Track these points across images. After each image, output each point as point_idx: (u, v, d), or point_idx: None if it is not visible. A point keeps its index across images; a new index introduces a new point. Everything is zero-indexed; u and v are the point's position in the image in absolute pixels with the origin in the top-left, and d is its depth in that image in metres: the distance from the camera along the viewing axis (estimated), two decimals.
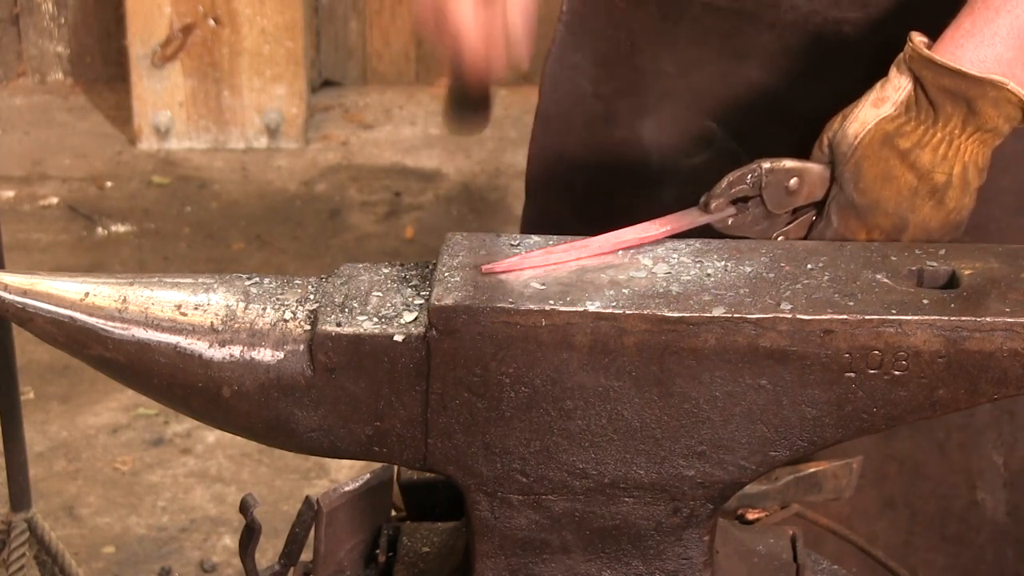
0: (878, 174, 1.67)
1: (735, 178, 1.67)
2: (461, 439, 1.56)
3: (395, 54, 5.76)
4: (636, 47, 2.08)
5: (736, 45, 2.01)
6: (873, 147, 1.67)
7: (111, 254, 4.75)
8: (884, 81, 1.68)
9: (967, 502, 2.19)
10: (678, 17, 2.04)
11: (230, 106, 5.34)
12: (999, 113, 1.64)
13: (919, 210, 1.67)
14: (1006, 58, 1.64)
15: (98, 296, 1.58)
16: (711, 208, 1.67)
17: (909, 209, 1.67)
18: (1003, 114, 1.65)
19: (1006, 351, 1.50)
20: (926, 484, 2.19)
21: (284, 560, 1.74)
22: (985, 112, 1.64)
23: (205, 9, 5.24)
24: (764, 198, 1.68)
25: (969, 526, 2.21)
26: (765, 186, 1.67)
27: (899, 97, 1.67)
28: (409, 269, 1.63)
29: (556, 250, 1.59)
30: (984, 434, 2.16)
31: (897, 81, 1.67)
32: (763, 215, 1.69)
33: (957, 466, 2.18)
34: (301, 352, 1.56)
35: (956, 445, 2.17)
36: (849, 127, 1.67)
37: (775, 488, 1.88)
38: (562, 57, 2.16)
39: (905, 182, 1.66)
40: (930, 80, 1.64)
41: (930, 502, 2.20)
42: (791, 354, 1.51)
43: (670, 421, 1.54)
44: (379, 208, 5.02)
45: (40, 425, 3.90)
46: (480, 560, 1.61)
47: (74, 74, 5.76)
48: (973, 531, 2.21)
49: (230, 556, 3.47)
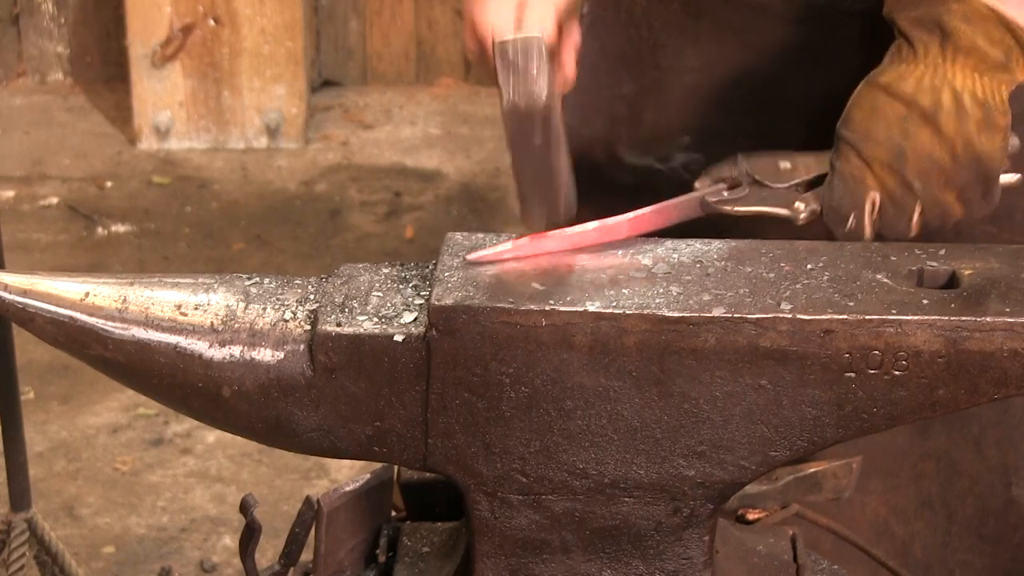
0: (865, 110, 1.67)
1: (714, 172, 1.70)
2: (461, 439, 1.56)
3: (395, 54, 5.76)
4: (658, 44, 2.08)
5: (754, 40, 2.02)
6: (862, 92, 1.68)
7: (111, 254, 4.74)
8: None
9: (1004, 500, 2.19)
10: (700, 13, 2.04)
11: (230, 106, 5.34)
12: (975, 30, 1.64)
13: (914, 137, 1.65)
14: None
15: (98, 296, 1.58)
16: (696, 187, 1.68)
17: (901, 135, 1.65)
18: (981, 31, 1.64)
19: (1006, 351, 1.50)
20: (963, 482, 2.18)
21: (284, 560, 1.74)
22: (958, 31, 1.63)
23: (205, 9, 5.23)
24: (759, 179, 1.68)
25: (1007, 524, 2.20)
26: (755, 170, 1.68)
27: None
28: (409, 269, 1.63)
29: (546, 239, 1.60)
30: (1019, 429, 2.16)
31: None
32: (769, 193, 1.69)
33: (993, 463, 2.17)
34: (301, 352, 1.56)
35: (992, 442, 2.16)
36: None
37: (775, 488, 1.88)
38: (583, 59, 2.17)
39: (891, 110, 1.66)
40: (902, 17, 1.66)
41: (967, 500, 2.19)
42: (791, 354, 1.51)
43: (670, 421, 1.54)
44: (379, 208, 5.02)
45: (40, 425, 3.90)
46: (480, 560, 1.61)
47: (74, 74, 5.76)
48: (1011, 529, 2.20)
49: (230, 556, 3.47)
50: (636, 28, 2.10)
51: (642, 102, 2.12)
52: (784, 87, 2.03)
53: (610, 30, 2.12)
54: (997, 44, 1.65)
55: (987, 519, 2.20)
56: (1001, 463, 2.18)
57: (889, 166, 1.66)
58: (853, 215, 1.66)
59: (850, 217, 1.66)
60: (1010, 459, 2.17)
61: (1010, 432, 2.16)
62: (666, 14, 2.07)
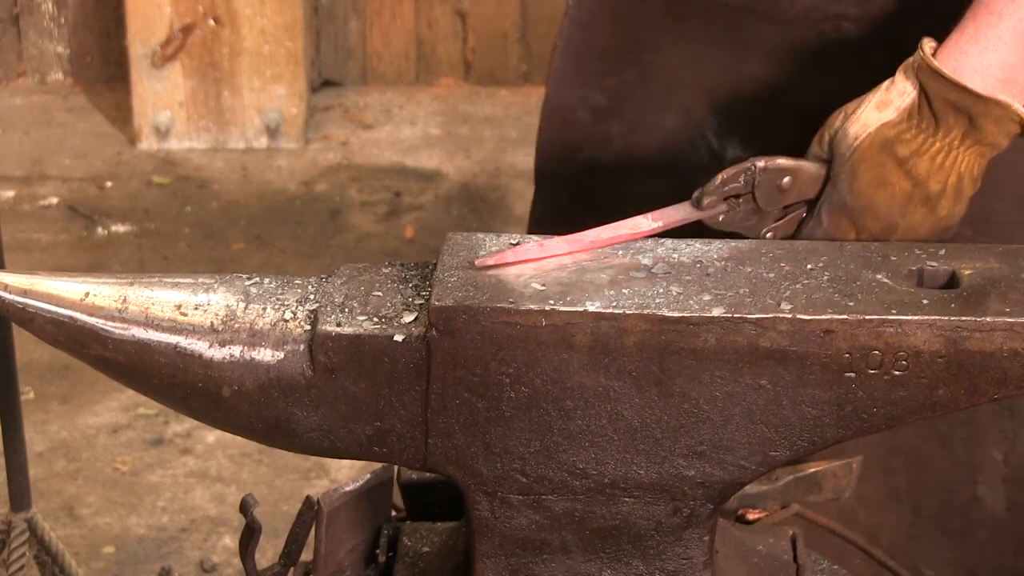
0: (873, 178, 1.67)
1: (729, 176, 1.68)
2: (461, 439, 1.56)
3: (395, 54, 5.76)
4: (641, 41, 2.09)
5: (740, 40, 2.02)
6: (872, 151, 1.67)
7: (111, 254, 4.74)
8: (890, 83, 1.68)
9: (968, 497, 2.20)
10: (684, 13, 2.05)
11: (230, 106, 5.34)
12: (999, 129, 1.65)
13: (910, 216, 1.68)
14: (1009, 63, 1.64)
15: (98, 296, 1.58)
16: (703, 205, 1.67)
17: (900, 214, 1.67)
18: (1003, 130, 1.65)
19: (1006, 351, 1.50)
20: (930, 477, 2.19)
21: (284, 560, 1.74)
22: (986, 128, 1.65)
23: (205, 9, 5.23)
24: (756, 195, 1.68)
25: (970, 521, 2.21)
26: (758, 184, 1.68)
27: (903, 103, 1.67)
28: (409, 269, 1.63)
29: (549, 244, 1.59)
30: (985, 429, 2.17)
31: (902, 86, 1.67)
32: (753, 211, 1.70)
33: (960, 460, 2.19)
34: (301, 352, 1.56)
35: (959, 439, 2.18)
36: (850, 127, 1.68)
37: (775, 488, 1.89)
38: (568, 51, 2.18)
39: (900, 188, 1.67)
40: (935, 92, 1.65)
41: (933, 495, 2.20)
42: (791, 354, 1.51)
43: (670, 421, 1.54)
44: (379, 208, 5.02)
45: (40, 425, 3.90)
46: (480, 560, 1.61)
47: (74, 74, 5.76)
48: (974, 526, 2.21)
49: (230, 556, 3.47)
50: (619, 23, 2.11)
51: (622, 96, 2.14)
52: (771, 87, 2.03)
53: (596, 22, 2.14)
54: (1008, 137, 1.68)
55: (952, 515, 2.21)
56: (968, 461, 2.19)
57: (875, 237, 1.69)
58: None
59: None
60: (976, 458, 2.18)
61: (977, 431, 2.17)
62: (650, 12, 2.08)
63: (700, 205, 1.67)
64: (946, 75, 1.63)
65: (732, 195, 1.68)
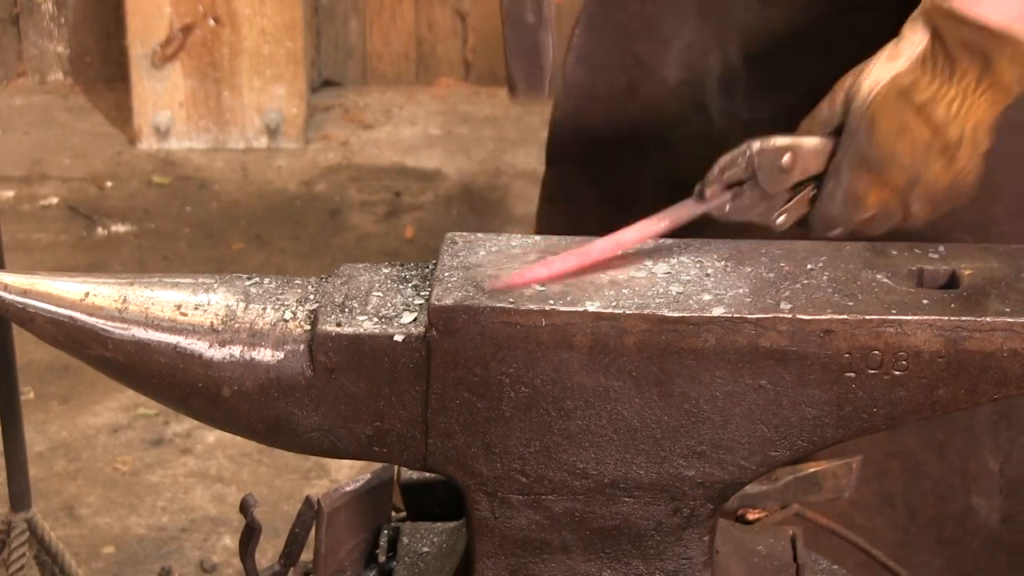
0: (893, 127, 1.64)
1: (726, 162, 1.63)
2: (461, 439, 1.56)
3: (395, 54, 5.76)
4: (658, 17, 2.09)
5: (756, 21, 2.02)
6: (889, 100, 1.64)
7: (111, 254, 4.74)
8: (898, 39, 1.66)
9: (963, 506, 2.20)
10: None
11: (230, 106, 5.34)
12: (1014, 71, 1.63)
13: (931, 167, 1.65)
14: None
15: (98, 296, 1.59)
16: (706, 196, 1.64)
17: (923, 164, 1.64)
18: (1017, 73, 1.63)
19: (1006, 351, 1.50)
20: (925, 483, 2.19)
21: (284, 560, 1.74)
22: (1001, 68, 1.62)
23: (205, 9, 5.23)
24: (759, 179, 1.65)
25: (964, 530, 2.21)
26: (758, 167, 1.64)
27: (914, 52, 1.65)
28: (409, 269, 1.63)
29: (558, 260, 1.57)
30: (982, 439, 2.17)
31: (912, 37, 1.65)
32: (760, 196, 1.65)
33: (955, 469, 2.18)
34: (301, 352, 1.56)
35: (956, 448, 2.17)
36: (863, 82, 1.65)
37: (775, 488, 1.89)
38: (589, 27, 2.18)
39: (920, 135, 1.64)
40: (949, 32, 1.63)
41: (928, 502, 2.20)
42: (791, 354, 1.51)
43: (670, 421, 1.54)
44: (379, 208, 5.02)
45: (40, 425, 3.90)
46: (480, 560, 1.61)
47: (74, 74, 5.76)
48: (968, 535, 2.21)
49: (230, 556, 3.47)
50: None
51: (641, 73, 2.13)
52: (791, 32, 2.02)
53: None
54: (1020, 83, 1.65)
55: (946, 523, 2.21)
56: (963, 470, 2.18)
57: (900, 192, 1.65)
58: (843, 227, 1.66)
59: (838, 229, 1.66)
60: (971, 466, 2.18)
61: (974, 440, 2.17)
62: None
63: (704, 197, 1.64)
64: (961, 14, 1.61)
65: (734, 182, 1.64)
